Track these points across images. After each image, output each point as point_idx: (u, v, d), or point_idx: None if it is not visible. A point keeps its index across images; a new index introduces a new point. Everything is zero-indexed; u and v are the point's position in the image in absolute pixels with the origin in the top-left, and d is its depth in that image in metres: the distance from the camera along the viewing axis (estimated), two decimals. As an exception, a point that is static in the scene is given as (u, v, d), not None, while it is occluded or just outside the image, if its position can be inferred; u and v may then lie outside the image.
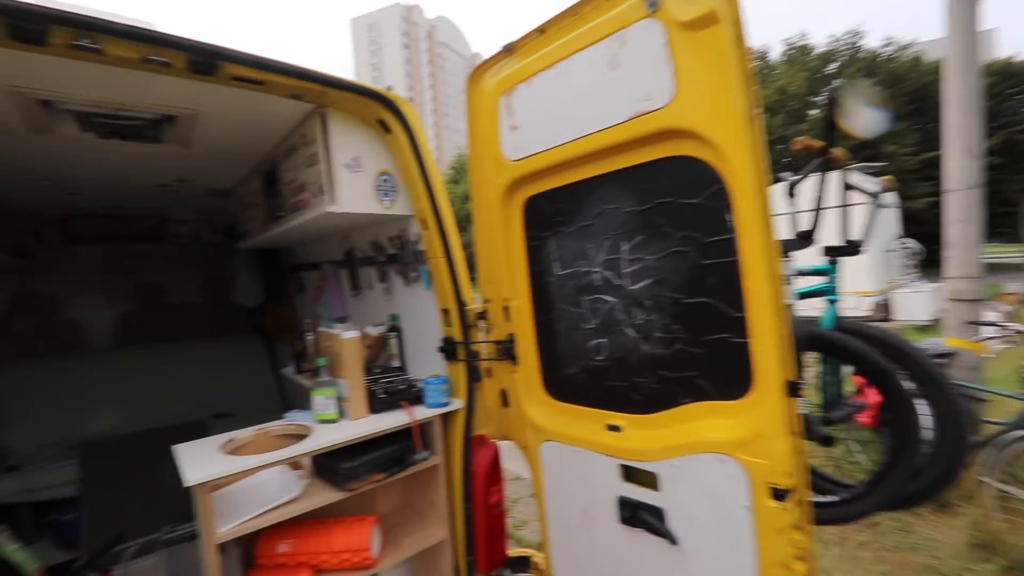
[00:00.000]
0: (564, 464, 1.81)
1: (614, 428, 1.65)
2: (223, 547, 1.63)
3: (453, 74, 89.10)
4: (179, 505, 1.58)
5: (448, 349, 2.10)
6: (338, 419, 1.99)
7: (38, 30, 1.36)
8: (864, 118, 1.86)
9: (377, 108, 1.97)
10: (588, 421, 1.74)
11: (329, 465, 1.87)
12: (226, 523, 1.63)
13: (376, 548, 1.93)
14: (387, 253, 2.48)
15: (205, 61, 1.58)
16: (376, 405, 2.04)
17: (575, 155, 1.60)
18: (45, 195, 3.38)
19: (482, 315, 2.03)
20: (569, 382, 1.81)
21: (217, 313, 4.73)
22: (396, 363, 2.41)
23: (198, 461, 1.67)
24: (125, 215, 4.30)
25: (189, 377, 4.17)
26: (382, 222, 2.42)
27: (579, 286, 1.72)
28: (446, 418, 2.12)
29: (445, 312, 2.11)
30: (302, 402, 3.41)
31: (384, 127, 2.04)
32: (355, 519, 1.94)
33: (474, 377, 2.06)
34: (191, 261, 4.69)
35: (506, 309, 1.95)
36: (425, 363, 2.31)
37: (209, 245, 4.66)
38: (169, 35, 1.50)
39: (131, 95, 1.87)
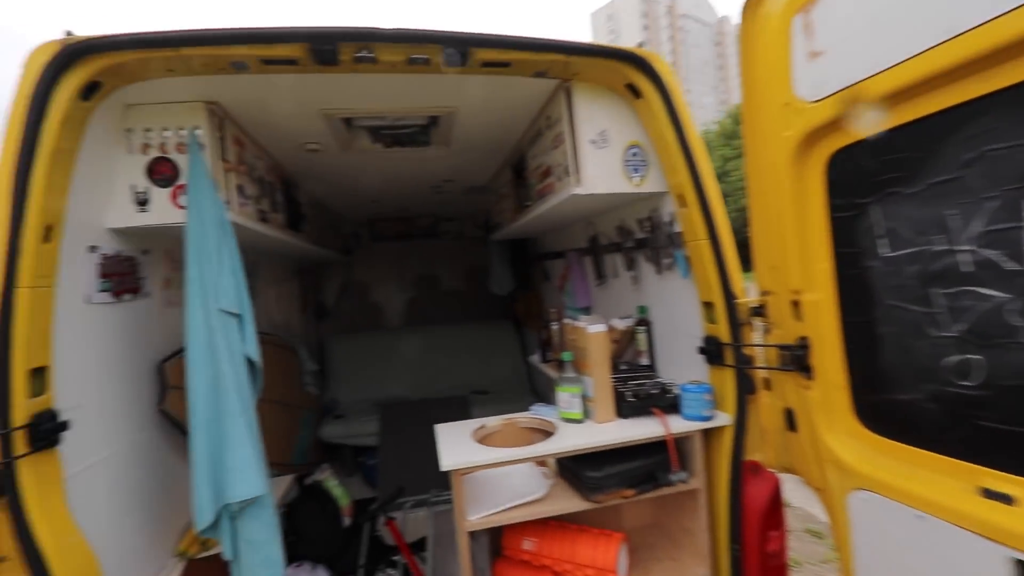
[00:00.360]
0: (893, 529, 1.27)
1: (1000, 497, 1.05)
2: (472, 533, 1.64)
3: (696, 46, 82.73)
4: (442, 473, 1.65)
5: (712, 351, 1.73)
6: (583, 420, 1.84)
7: (332, 50, 1.53)
8: None
9: (626, 70, 1.72)
10: (942, 475, 1.16)
11: (574, 470, 1.73)
12: (475, 511, 1.63)
13: (623, 570, 1.72)
14: (635, 238, 2.22)
15: (457, 50, 1.58)
16: (624, 409, 1.80)
17: (930, 73, 1.05)
18: (356, 203, 4.23)
19: (759, 311, 1.59)
20: (904, 412, 1.25)
21: (477, 300, 5.31)
22: (644, 361, 2.14)
23: (454, 445, 1.72)
24: (409, 216, 5.15)
25: (455, 355, 4.78)
26: (629, 203, 2.17)
27: (927, 273, 1.15)
28: (708, 435, 1.75)
29: (708, 306, 1.73)
30: (546, 390, 3.44)
31: (634, 92, 1.77)
32: (600, 532, 1.76)
33: (746, 388, 1.64)
34: (456, 254, 5.38)
35: (796, 304, 1.48)
36: (679, 365, 1.97)
37: (469, 239, 5.24)
38: (425, 30, 1.54)
39: (403, 101, 2.05)
